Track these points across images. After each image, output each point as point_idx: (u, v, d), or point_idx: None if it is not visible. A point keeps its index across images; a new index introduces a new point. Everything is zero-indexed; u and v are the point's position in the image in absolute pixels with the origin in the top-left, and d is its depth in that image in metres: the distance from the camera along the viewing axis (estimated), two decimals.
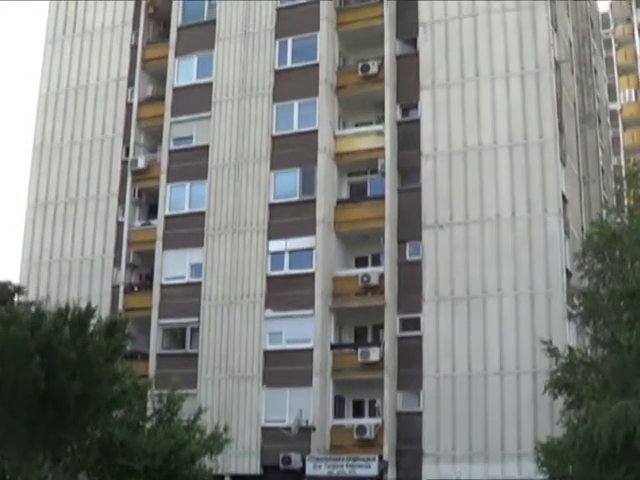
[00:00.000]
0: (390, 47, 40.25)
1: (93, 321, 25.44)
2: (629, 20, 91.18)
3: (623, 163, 69.02)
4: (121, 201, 44.14)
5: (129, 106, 45.51)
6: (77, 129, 46.37)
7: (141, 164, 43.85)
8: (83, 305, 25.43)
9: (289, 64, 41.37)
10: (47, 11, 49.53)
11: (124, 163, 44.66)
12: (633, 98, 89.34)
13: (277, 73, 41.37)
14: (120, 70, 46.30)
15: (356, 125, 41.52)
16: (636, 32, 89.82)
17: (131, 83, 45.80)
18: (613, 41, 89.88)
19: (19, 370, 22.73)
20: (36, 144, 47.17)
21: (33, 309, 25.96)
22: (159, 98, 44.40)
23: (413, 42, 40.68)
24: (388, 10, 40.59)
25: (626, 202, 34.59)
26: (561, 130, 38.33)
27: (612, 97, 79.24)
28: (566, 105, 40.92)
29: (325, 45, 40.60)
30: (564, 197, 37.66)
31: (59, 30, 48.61)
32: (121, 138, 45.18)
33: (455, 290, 37.06)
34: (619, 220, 33.41)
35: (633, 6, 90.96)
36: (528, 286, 36.01)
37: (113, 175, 44.83)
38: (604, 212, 43.01)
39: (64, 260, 44.71)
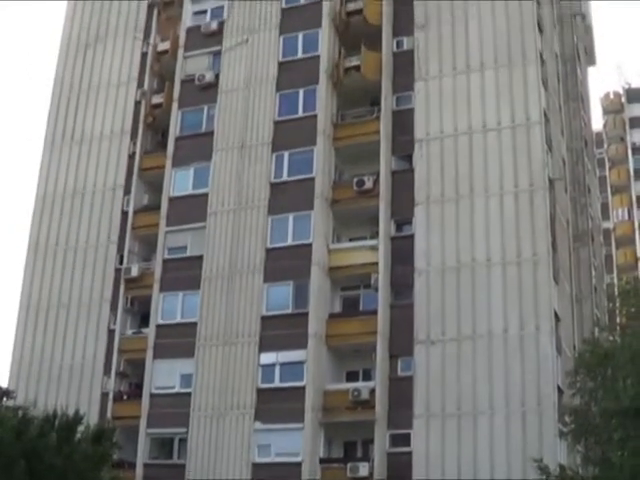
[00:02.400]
0: (385, 163, 41.25)
1: (81, 428, 25.67)
2: (622, 140, 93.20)
3: (616, 281, 69.95)
4: (113, 308, 44.50)
5: (125, 214, 46.24)
6: (72, 234, 46.99)
7: (134, 272, 44.41)
8: (71, 411, 25.67)
9: (285, 177, 42.25)
10: (47, 116, 50.59)
11: (118, 270, 45.15)
12: (626, 217, 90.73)
13: (273, 186, 42.20)
14: (117, 178, 47.14)
15: (350, 239, 42.16)
16: (629, 152, 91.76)
17: (127, 191, 46.58)
18: (607, 160, 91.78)
19: (3, 474, 22.82)
20: (31, 246, 47.69)
21: (20, 413, 26.20)
22: (155, 207, 45.15)
23: (408, 158, 41.65)
24: (384, 126, 41.70)
25: (618, 320, 35.14)
26: (554, 248, 39.08)
27: (605, 216, 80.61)
28: (559, 223, 41.79)
29: (321, 160, 41.55)
30: (556, 315, 38.15)
31: (58, 136, 49.58)
32: (115, 246, 45.77)
33: (446, 406, 37.24)
34: (611, 338, 33.92)
35: (627, 126, 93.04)
36: (520, 403, 36.23)
37: (106, 282, 45.29)
38: (596, 330, 43.62)
39: (54, 365, 44.84)
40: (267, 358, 39.75)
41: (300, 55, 44.14)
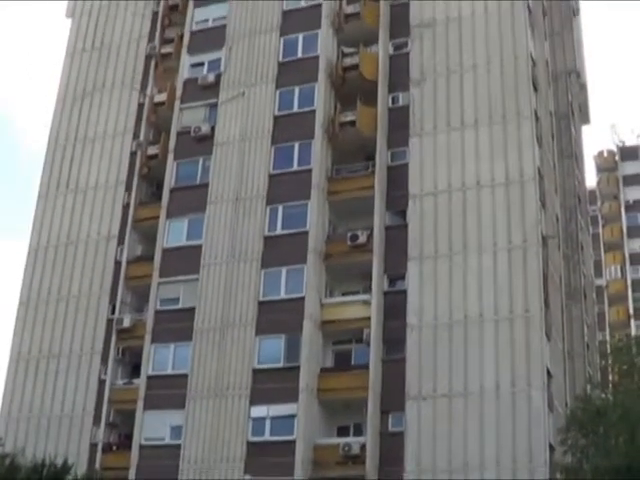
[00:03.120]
0: (379, 218, 41.51)
1: (69, 478, 25.56)
2: (616, 198, 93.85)
3: (608, 339, 70.16)
4: (104, 359, 44.49)
5: (118, 264, 46.37)
6: (64, 285, 47.08)
7: (126, 323, 44.45)
8: (60, 461, 25.55)
9: (279, 231, 42.51)
10: (42, 166, 50.91)
11: (109, 321, 45.22)
12: (619, 274, 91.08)
13: (266, 239, 42.41)
14: (111, 228, 47.35)
15: (343, 294, 42.32)
16: (622, 209, 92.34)
17: (121, 242, 46.77)
18: (600, 218, 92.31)
19: None
20: (22, 298, 47.76)
21: (8, 461, 26.10)
22: (148, 258, 45.32)
23: (402, 214, 41.95)
24: (379, 182, 42.03)
25: (610, 377, 35.28)
26: (547, 305, 39.27)
27: (598, 273, 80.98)
28: (552, 280, 42.03)
29: (315, 214, 41.82)
30: (548, 371, 38.24)
31: (53, 185, 49.90)
32: (108, 296, 45.87)
33: (437, 463, 37.18)
34: (603, 395, 34.03)
35: (620, 184, 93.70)
36: (511, 460, 36.17)
37: (98, 332, 45.33)
38: (588, 387, 43.74)
39: (43, 414, 44.75)
40: (258, 411, 39.71)
41: (296, 109, 44.62)
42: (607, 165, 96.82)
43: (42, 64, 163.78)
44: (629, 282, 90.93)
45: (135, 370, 43.96)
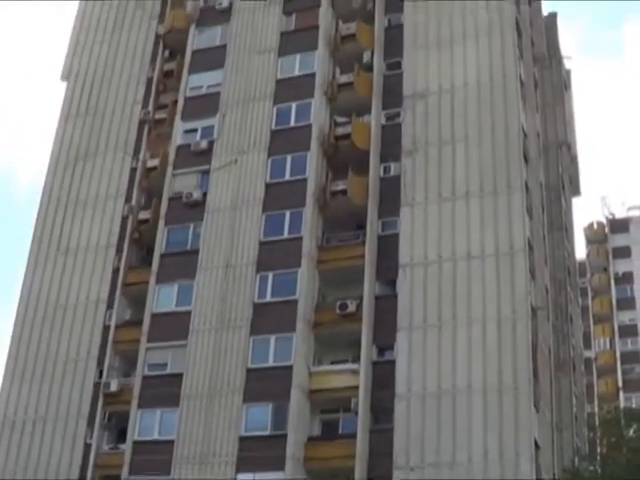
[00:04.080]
0: (369, 287, 41.60)
1: None
2: (605, 270, 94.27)
3: (597, 411, 70.04)
4: (90, 423, 44.19)
5: (106, 328, 46.24)
6: (52, 347, 46.81)
7: (114, 387, 44.19)
8: None
9: (268, 298, 42.59)
10: (33, 228, 50.99)
11: (96, 385, 44.97)
12: (608, 346, 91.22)
13: (256, 306, 42.44)
14: (100, 292, 47.28)
15: (331, 362, 42.16)
16: (612, 282, 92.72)
17: (110, 305, 46.69)
18: (589, 290, 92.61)
19: None
20: (10, 357, 47.37)
21: None
22: (137, 322, 45.27)
23: (392, 283, 42.02)
24: (369, 251, 42.21)
25: (599, 450, 35.25)
26: (535, 376, 39.28)
27: (587, 345, 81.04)
28: (541, 352, 42.08)
29: (305, 282, 41.94)
30: (536, 443, 38.08)
31: (43, 247, 49.83)
32: (95, 360, 45.65)
33: None
34: (592, 468, 33.94)
35: (610, 256, 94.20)
36: None
37: (84, 396, 45.01)
38: (576, 459, 43.63)
39: (28, 477, 44.07)
40: (244, 479, 39.46)
41: (288, 177, 44.99)
42: (597, 237, 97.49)
43: (37, 126, 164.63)
44: (618, 354, 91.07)
45: (121, 435, 43.69)
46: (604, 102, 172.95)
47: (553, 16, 62.01)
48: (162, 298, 45.03)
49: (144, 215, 48.11)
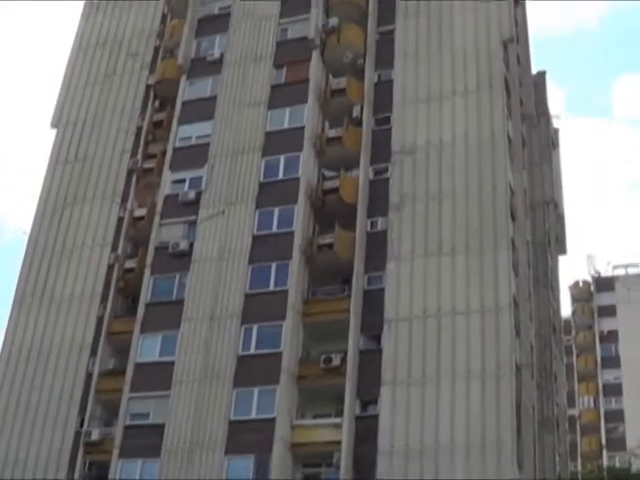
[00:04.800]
0: (354, 342, 41.55)
1: None
2: (590, 328, 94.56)
3: (580, 469, 69.95)
4: (71, 472, 43.81)
5: (89, 376, 46.03)
6: (34, 393, 46.43)
7: (95, 436, 43.93)
8: None
9: (252, 350, 42.47)
10: (18, 273, 50.85)
11: (77, 433, 44.68)
12: (592, 405, 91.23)
13: (240, 358, 42.33)
14: (84, 340, 47.07)
15: (314, 416, 42.03)
16: (597, 340, 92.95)
17: (94, 354, 46.51)
18: (574, 347, 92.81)
19: None
20: None
21: None
22: (120, 372, 45.07)
23: (377, 338, 41.98)
24: (354, 305, 42.24)
25: None
26: (519, 433, 39.18)
27: (571, 403, 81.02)
28: (525, 409, 41.94)
29: (290, 335, 41.88)
30: None
31: (28, 293, 49.74)
32: (77, 408, 45.36)
33: None
34: None
35: (595, 314, 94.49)
36: None
37: (65, 445, 44.61)
38: None
39: None
40: None
41: (275, 230, 45.09)
42: (582, 295, 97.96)
43: (26, 171, 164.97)
44: (602, 413, 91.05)
45: None
46: (592, 161, 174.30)
47: (542, 75, 62.77)
48: (146, 348, 44.90)
49: (130, 264, 48.08)
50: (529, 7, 59.53)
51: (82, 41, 58.29)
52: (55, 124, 55.46)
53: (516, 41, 51.92)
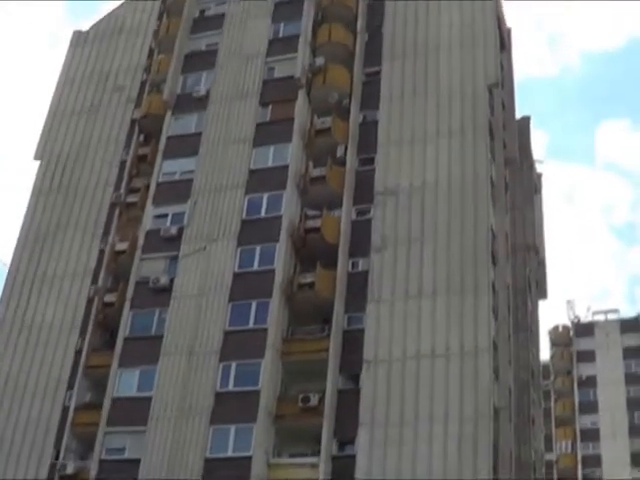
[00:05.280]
0: (332, 382, 41.56)
1: None
2: (569, 373, 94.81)
3: None
4: None
5: (65, 409, 45.86)
6: (9, 425, 46.21)
7: (70, 470, 43.62)
8: None
9: (230, 388, 42.43)
10: None
11: (53, 466, 44.45)
12: (569, 450, 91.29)
13: (218, 395, 42.22)
14: (61, 373, 46.95)
15: (291, 455, 41.89)
16: (575, 385, 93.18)
17: (70, 387, 46.36)
18: (552, 392, 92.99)
19: None
20: None
21: None
22: (97, 405, 44.90)
23: (356, 378, 42.07)
24: (334, 345, 42.26)
25: None
26: (496, 477, 39.45)
27: (548, 447, 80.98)
28: (502, 453, 42.05)
29: (268, 373, 41.84)
30: None
31: (7, 323, 49.64)
32: (53, 440, 45.22)
33: None
34: None
35: (574, 359, 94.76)
36: None
37: (40, 478, 44.47)
38: None
39: None
40: None
41: (256, 267, 45.20)
42: (562, 340, 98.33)
43: (8, 201, 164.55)
44: (579, 458, 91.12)
45: None
46: (573, 206, 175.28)
47: (526, 119, 63.24)
48: (123, 382, 44.77)
49: (110, 298, 47.97)
50: (515, 51, 59.93)
51: (69, 72, 58.74)
52: (39, 156, 55.60)
53: (501, 86, 52.46)
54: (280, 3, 54.26)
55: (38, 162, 55.48)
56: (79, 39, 60.28)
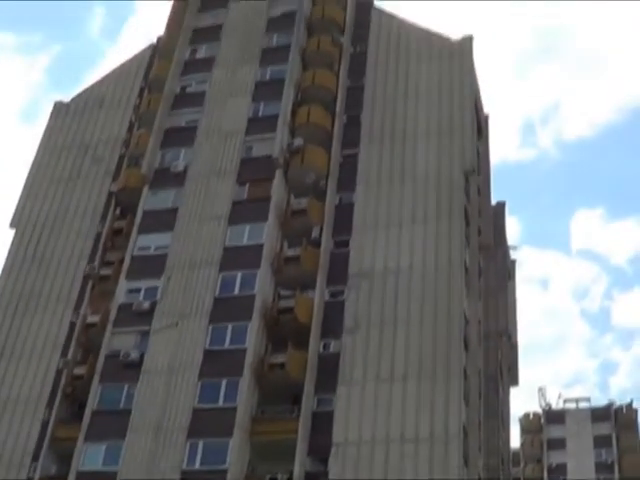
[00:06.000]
0: (300, 463, 41.49)
1: None
2: (539, 461, 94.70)
3: None
4: None
5: None
6: None
7: None
8: None
9: (197, 466, 42.31)
10: None
11: None
12: None
13: (184, 473, 42.12)
14: (27, 445, 46.67)
15: None
16: (545, 473, 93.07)
17: (35, 459, 46.14)
18: (522, 479, 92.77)
19: None
20: None
21: None
22: (62, 478, 44.61)
23: (324, 460, 42.03)
24: (303, 426, 42.33)
25: None
26: None
27: None
28: None
29: (236, 452, 41.81)
30: None
31: None
32: None
33: None
34: None
35: (544, 447, 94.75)
36: None
37: None
38: None
39: None
40: None
41: (227, 346, 45.32)
42: (532, 427, 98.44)
43: None
44: None
45: None
46: (548, 292, 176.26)
47: (501, 206, 64.12)
48: (89, 456, 44.62)
49: (79, 370, 47.93)
50: (492, 137, 61.00)
51: (49, 141, 59.39)
52: (15, 224, 55.83)
53: (477, 172, 53.36)
54: (261, 83, 55.18)
55: (14, 230, 55.67)
56: (60, 109, 61.02)
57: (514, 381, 65.79)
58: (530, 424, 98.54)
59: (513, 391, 66.21)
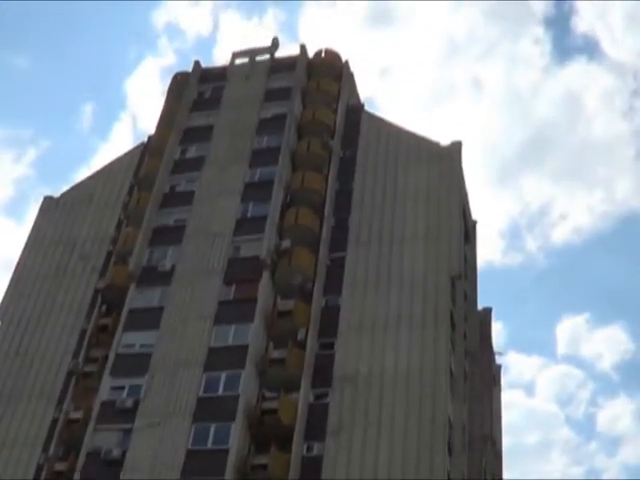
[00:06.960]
0: None
1: None
2: None
3: None
4: None
5: None
6: None
7: None
8: None
9: None
10: None
11: None
12: None
13: None
14: None
15: None
16: None
17: None
18: None
19: None
20: None
21: None
22: None
23: None
24: None
25: None
26: None
27: None
28: None
29: None
30: None
31: None
32: None
33: None
34: None
35: None
36: None
37: None
38: None
39: None
40: None
41: (210, 446, 45.38)
42: None
43: None
44: None
45: None
46: (533, 397, 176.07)
47: (488, 311, 64.62)
48: None
49: (60, 467, 47.94)
50: (478, 241, 61.99)
51: (37, 236, 60.20)
52: (0, 317, 56.26)
53: (464, 277, 54.13)
54: (250, 184, 56.19)
55: None
56: (50, 205, 61.96)
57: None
58: None
59: None
